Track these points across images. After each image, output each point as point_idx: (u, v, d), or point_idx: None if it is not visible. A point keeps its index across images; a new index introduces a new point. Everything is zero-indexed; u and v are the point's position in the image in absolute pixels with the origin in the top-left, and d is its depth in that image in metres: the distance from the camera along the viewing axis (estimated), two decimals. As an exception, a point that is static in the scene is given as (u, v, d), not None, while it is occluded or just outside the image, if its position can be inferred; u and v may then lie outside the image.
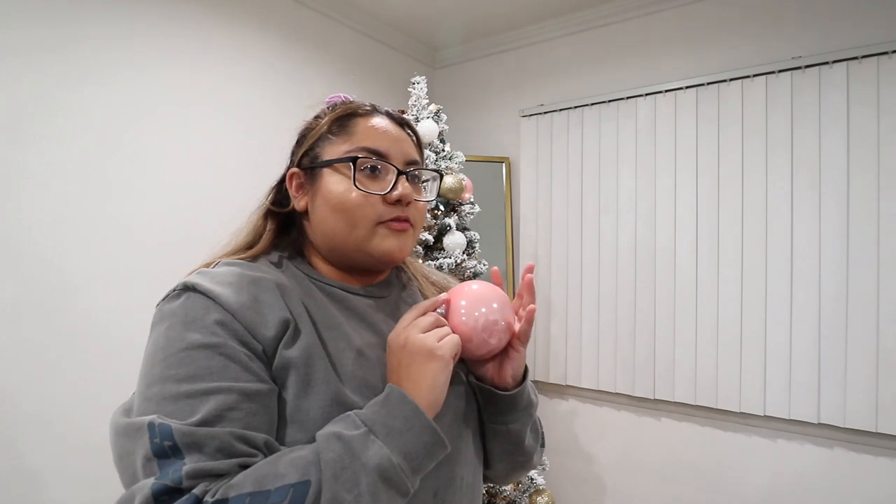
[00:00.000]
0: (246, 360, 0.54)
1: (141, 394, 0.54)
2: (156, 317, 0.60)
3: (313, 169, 0.69)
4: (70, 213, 1.58)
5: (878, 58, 1.80)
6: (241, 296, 0.58)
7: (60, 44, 1.56)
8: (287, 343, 0.58)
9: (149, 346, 0.57)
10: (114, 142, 1.68)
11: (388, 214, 0.66)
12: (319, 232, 0.68)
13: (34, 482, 1.48)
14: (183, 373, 0.52)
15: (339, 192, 0.65)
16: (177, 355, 0.53)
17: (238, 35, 2.03)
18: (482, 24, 2.60)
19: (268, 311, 0.58)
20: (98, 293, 1.63)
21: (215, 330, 0.54)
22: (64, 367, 1.55)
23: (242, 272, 0.61)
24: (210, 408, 0.50)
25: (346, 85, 2.46)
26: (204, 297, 0.57)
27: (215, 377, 0.52)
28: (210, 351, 0.53)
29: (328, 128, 0.69)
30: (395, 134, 0.69)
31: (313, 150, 0.69)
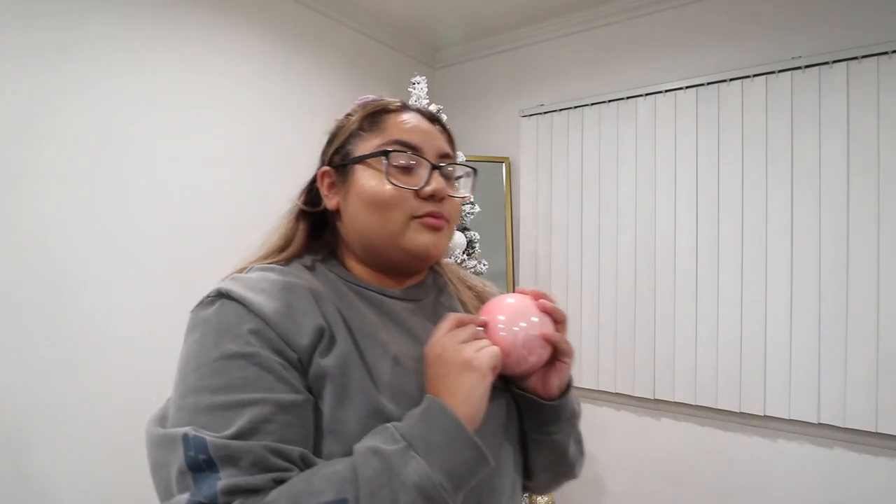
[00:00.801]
0: (280, 369, 0.53)
1: (175, 403, 0.53)
2: (189, 324, 0.58)
3: (345, 166, 0.68)
4: (74, 212, 1.58)
5: (878, 58, 1.80)
6: (275, 303, 0.56)
7: (63, 46, 1.56)
8: (323, 351, 0.56)
9: (183, 355, 0.56)
10: (114, 142, 1.68)
11: (422, 209, 0.64)
12: (353, 230, 0.67)
13: (38, 481, 1.48)
14: (217, 383, 0.51)
15: (372, 187, 0.64)
16: (211, 365, 0.52)
17: (238, 35, 2.03)
18: (482, 24, 2.60)
19: (302, 319, 0.57)
20: (103, 293, 1.63)
21: (249, 339, 0.53)
22: (69, 365, 1.55)
23: (276, 278, 0.60)
24: (245, 420, 0.49)
25: (347, 85, 2.46)
26: (238, 304, 0.55)
27: (250, 388, 0.51)
28: (244, 361, 0.52)
29: (359, 124, 0.68)
30: (426, 129, 0.68)
31: (344, 147, 0.69)
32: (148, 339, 1.74)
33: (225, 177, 1.98)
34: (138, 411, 1.76)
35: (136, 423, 1.82)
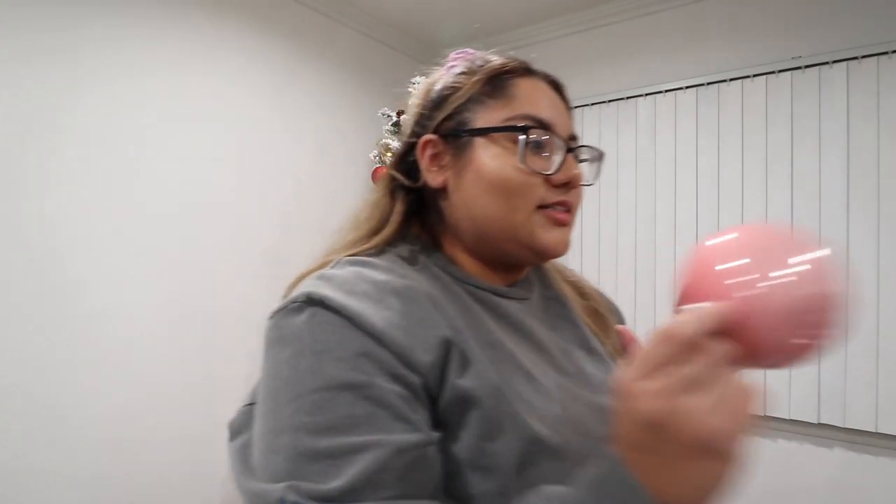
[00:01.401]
0: (398, 403, 0.42)
1: (266, 439, 0.43)
2: (272, 333, 0.47)
3: (458, 137, 0.56)
4: (73, 212, 1.58)
5: (878, 58, 1.80)
6: (383, 311, 0.45)
7: (63, 47, 1.56)
8: (458, 370, 0.46)
9: (270, 375, 0.46)
10: (114, 143, 1.68)
11: (551, 198, 0.54)
12: (465, 215, 0.56)
13: (38, 480, 1.48)
14: (320, 422, 0.41)
15: (497, 168, 0.53)
16: (309, 397, 0.42)
17: (237, 35, 2.03)
18: (482, 24, 2.60)
19: (421, 330, 0.46)
20: (102, 292, 1.63)
21: (357, 364, 0.43)
22: (68, 365, 1.55)
23: (378, 277, 0.49)
24: (357, 471, 0.39)
25: (346, 85, 2.46)
26: (337, 315, 0.44)
27: (362, 429, 0.41)
28: (352, 394, 0.42)
29: (481, 88, 0.56)
30: (557, 102, 0.58)
31: (460, 114, 0.56)
32: (147, 338, 1.74)
33: (225, 176, 1.98)
34: (138, 411, 1.77)
35: (136, 422, 1.83)
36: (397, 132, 1.92)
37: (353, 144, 2.46)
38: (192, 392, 1.85)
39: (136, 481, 1.68)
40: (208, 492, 1.90)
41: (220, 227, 1.95)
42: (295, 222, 2.22)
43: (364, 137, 2.48)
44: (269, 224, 2.12)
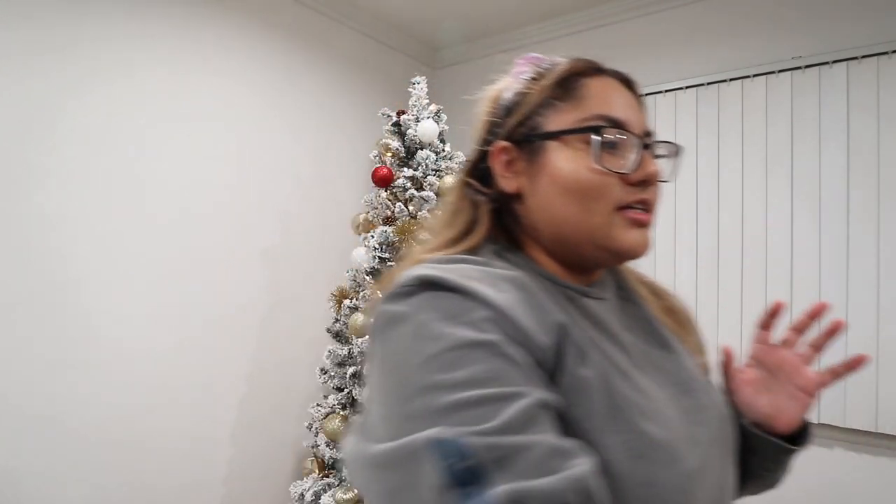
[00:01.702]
0: (531, 364, 0.42)
1: (396, 414, 0.40)
2: (383, 318, 0.46)
3: (531, 142, 0.56)
4: (73, 212, 1.58)
5: (878, 58, 1.80)
6: (500, 293, 0.45)
7: (64, 46, 1.56)
8: (575, 358, 0.45)
9: (387, 356, 0.44)
10: (114, 143, 1.68)
11: (630, 197, 0.53)
12: (542, 219, 0.55)
13: (37, 480, 1.48)
14: (458, 377, 0.39)
15: (572, 171, 0.53)
16: (440, 357, 0.40)
17: (238, 35, 2.03)
18: (482, 24, 2.60)
19: (538, 314, 0.45)
20: (102, 292, 1.63)
21: (485, 327, 0.42)
22: (68, 365, 1.55)
23: (483, 268, 0.48)
24: (510, 414, 0.37)
25: (346, 85, 2.46)
26: (455, 293, 0.43)
27: (502, 382, 0.39)
28: (485, 351, 0.40)
29: (551, 91, 0.56)
30: (629, 99, 0.57)
31: (531, 119, 0.56)
32: (146, 338, 1.74)
33: (224, 176, 1.98)
34: (137, 411, 1.77)
35: (135, 422, 1.83)
36: (397, 132, 1.92)
37: (353, 144, 2.46)
38: (191, 392, 1.85)
39: (136, 482, 1.68)
40: (208, 492, 1.91)
41: (219, 227, 1.95)
42: (295, 222, 2.22)
43: (364, 137, 2.48)
44: (269, 224, 2.12)
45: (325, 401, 1.90)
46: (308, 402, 2.12)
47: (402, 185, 1.82)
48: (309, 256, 2.26)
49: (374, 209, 1.88)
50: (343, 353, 1.84)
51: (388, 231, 1.76)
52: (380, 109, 1.96)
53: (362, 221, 1.91)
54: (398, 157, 1.89)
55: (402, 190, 1.82)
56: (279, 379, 2.14)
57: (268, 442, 2.09)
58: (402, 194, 1.83)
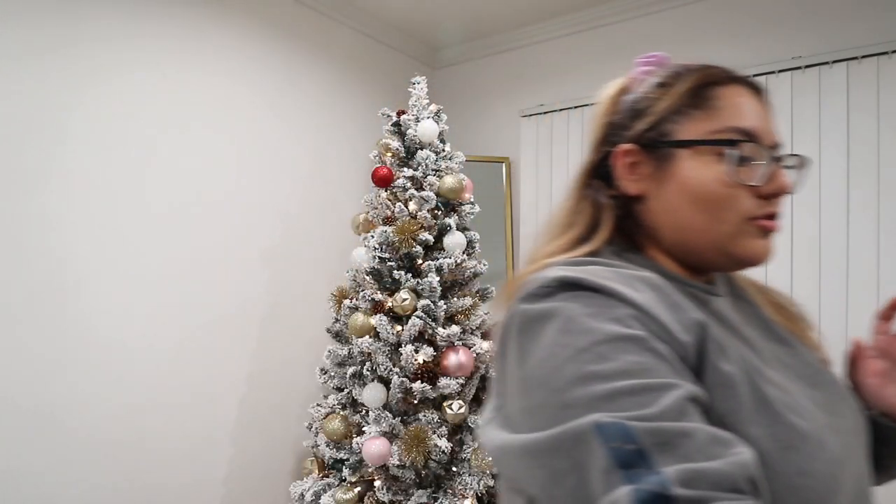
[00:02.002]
0: (676, 359, 0.43)
1: (549, 405, 0.41)
2: (524, 317, 0.47)
3: (659, 148, 0.56)
4: (73, 212, 1.58)
5: (878, 58, 1.80)
6: (638, 293, 0.46)
7: (63, 46, 1.56)
8: (718, 354, 0.46)
9: (532, 352, 0.45)
10: (114, 143, 1.68)
11: (760, 210, 0.53)
12: (666, 223, 0.56)
13: (37, 480, 1.48)
14: (611, 368, 0.40)
15: (704, 181, 0.53)
16: (592, 350, 0.41)
17: (237, 35, 2.03)
18: (482, 24, 2.60)
19: (676, 313, 0.47)
20: (102, 292, 1.63)
21: (631, 323, 0.43)
22: (68, 365, 1.55)
23: (613, 269, 0.50)
24: (666, 402, 0.38)
25: (346, 85, 2.46)
26: (597, 293, 0.45)
27: (653, 373, 0.40)
28: (634, 345, 0.41)
29: (684, 99, 0.56)
30: (762, 110, 0.56)
31: (662, 125, 0.56)
32: (147, 339, 1.74)
33: (224, 176, 1.98)
34: (137, 411, 1.77)
35: (135, 422, 1.83)
36: (397, 132, 1.92)
37: (353, 144, 2.46)
38: (191, 392, 1.85)
39: (136, 481, 1.68)
40: (208, 492, 1.91)
41: (219, 228, 1.95)
42: (295, 222, 2.22)
43: (364, 137, 2.48)
44: (269, 224, 2.12)
45: (325, 401, 1.90)
46: (308, 402, 2.12)
47: (402, 185, 1.82)
48: (309, 256, 2.26)
49: (374, 209, 1.88)
50: (343, 353, 1.84)
51: (388, 231, 1.76)
52: (380, 109, 1.96)
53: (362, 221, 1.91)
54: (398, 157, 1.89)
55: (402, 190, 1.82)
56: (279, 379, 2.13)
57: (268, 442, 2.09)
58: (402, 194, 1.83)
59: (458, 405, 1.67)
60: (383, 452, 1.61)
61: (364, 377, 1.72)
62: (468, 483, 1.64)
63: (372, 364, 1.72)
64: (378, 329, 1.70)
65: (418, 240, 1.75)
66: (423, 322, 1.67)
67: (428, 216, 1.79)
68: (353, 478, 1.72)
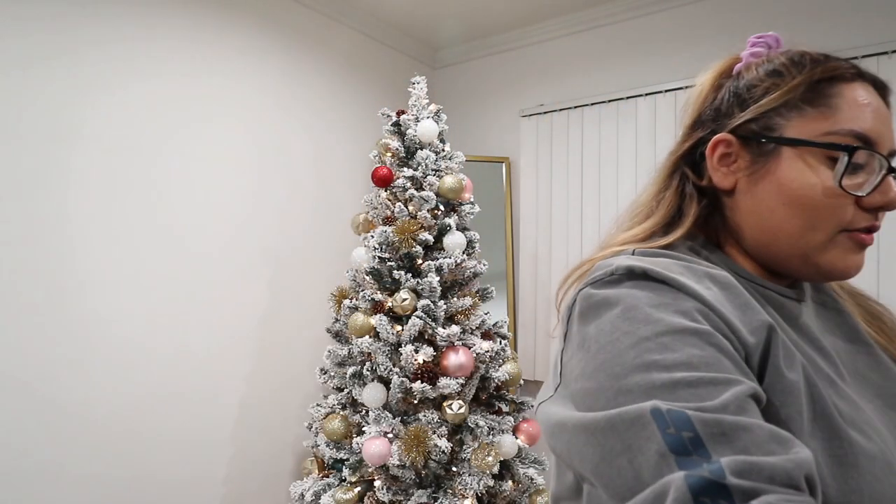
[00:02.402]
0: (738, 357, 0.42)
1: (609, 388, 0.41)
2: (591, 300, 0.46)
3: (760, 143, 0.52)
4: (76, 213, 1.58)
5: (878, 58, 1.80)
6: (706, 290, 0.45)
7: (66, 51, 1.56)
8: (784, 359, 0.44)
9: (596, 336, 0.44)
10: (115, 144, 1.68)
11: (860, 222, 0.50)
12: (753, 223, 0.53)
13: (39, 480, 1.48)
14: (672, 359, 0.39)
15: (807, 186, 0.49)
16: (655, 340, 0.41)
17: (237, 35, 2.03)
18: (482, 24, 2.60)
19: (744, 313, 0.45)
20: (106, 293, 1.63)
21: (696, 316, 0.42)
22: (72, 365, 1.55)
23: (687, 264, 0.48)
24: (726, 397, 0.37)
25: (347, 85, 2.46)
26: (664, 284, 0.44)
27: (715, 369, 0.39)
28: (697, 338, 0.41)
29: (800, 93, 0.51)
30: (883, 111, 0.51)
31: (769, 118, 0.52)
32: (147, 338, 1.74)
33: (225, 177, 1.98)
34: (137, 411, 1.77)
35: (136, 422, 1.83)
36: (397, 132, 1.92)
37: (353, 144, 2.46)
38: (191, 392, 1.85)
39: (136, 481, 1.68)
40: (208, 492, 1.91)
41: (219, 228, 1.95)
42: (295, 222, 2.22)
43: (364, 137, 2.49)
44: (269, 224, 2.12)
45: (325, 401, 1.90)
46: (308, 402, 2.12)
47: (402, 185, 1.82)
48: (309, 257, 2.26)
49: (374, 209, 1.88)
50: (343, 353, 1.84)
51: (388, 231, 1.76)
52: (380, 109, 1.96)
53: (362, 221, 1.91)
54: (398, 157, 1.89)
55: (402, 190, 1.82)
56: (279, 379, 2.14)
57: (268, 442, 2.09)
58: (402, 194, 1.83)
59: (458, 405, 1.67)
60: (383, 452, 1.61)
61: (364, 377, 1.72)
62: (468, 483, 1.64)
63: (372, 364, 1.72)
64: (378, 329, 1.70)
65: (418, 240, 1.75)
66: (423, 322, 1.67)
67: (428, 216, 1.79)
68: (353, 478, 1.72)
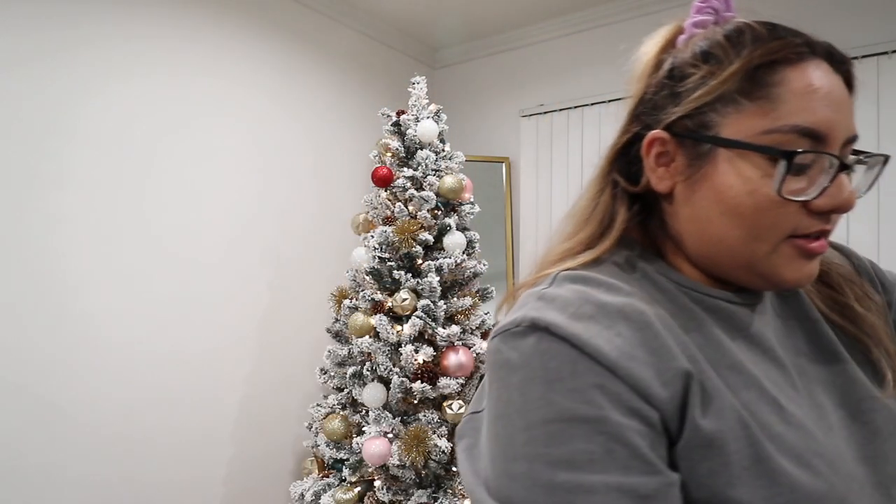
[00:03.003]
0: (637, 441, 0.39)
1: (503, 468, 0.41)
2: (498, 356, 0.44)
3: (697, 142, 0.46)
4: (73, 212, 1.58)
5: (878, 58, 1.80)
6: (615, 339, 0.41)
7: (64, 49, 1.56)
8: (700, 408, 0.40)
9: (499, 398, 0.43)
10: (114, 143, 1.68)
11: (807, 228, 0.44)
12: (692, 231, 0.48)
13: (38, 481, 1.48)
14: (557, 454, 0.38)
15: (745, 192, 0.43)
16: (544, 427, 0.39)
17: (236, 35, 2.03)
18: (482, 24, 2.60)
19: (657, 361, 0.41)
20: (102, 293, 1.63)
21: (591, 396, 0.39)
22: (68, 366, 1.55)
23: (604, 298, 0.44)
24: None
25: (346, 85, 2.46)
26: (565, 344, 0.41)
27: (599, 467, 0.38)
28: (588, 427, 0.39)
29: (736, 84, 0.44)
30: (837, 97, 0.44)
31: (703, 113, 0.45)
32: (147, 339, 1.74)
33: (224, 177, 1.98)
34: (137, 411, 1.77)
35: (136, 422, 1.82)
36: (397, 132, 1.92)
37: (353, 144, 2.46)
38: (191, 392, 1.85)
39: (136, 482, 1.68)
40: (208, 492, 1.91)
41: (219, 228, 1.95)
42: (295, 222, 2.22)
43: (364, 137, 2.49)
44: (269, 224, 2.12)
45: (325, 401, 1.90)
46: (308, 402, 2.12)
47: (402, 185, 1.82)
48: (309, 256, 2.26)
49: (374, 209, 1.88)
50: (343, 353, 1.84)
51: (388, 231, 1.76)
52: (380, 109, 1.96)
53: (362, 221, 1.91)
54: (398, 157, 1.89)
55: (401, 190, 1.82)
56: (279, 379, 2.14)
57: (268, 442, 2.09)
58: (402, 194, 1.83)
59: (458, 405, 1.67)
60: (383, 452, 1.61)
61: (364, 377, 1.72)
62: (468, 483, 1.64)
63: (372, 364, 1.72)
64: (378, 329, 1.70)
65: (418, 240, 1.75)
66: (423, 322, 1.67)
67: (428, 216, 1.79)
68: (353, 478, 1.72)
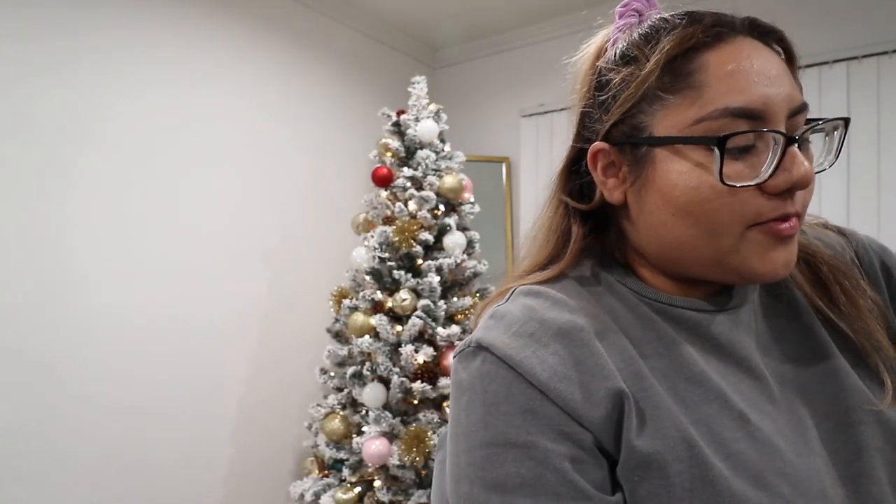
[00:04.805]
0: (565, 467, 0.39)
1: (453, 486, 0.44)
2: (454, 377, 0.46)
3: (635, 147, 0.44)
4: (76, 212, 1.58)
5: (878, 57, 1.80)
6: (549, 358, 0.41)
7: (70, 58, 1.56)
8: (635, 428, 0.40)
9: (452, 418, 0.45)
10: (115, 144, 1.68)
11: (770, 212, 0.41)
12: (651, 239, 0.46)
13: (38, 479, 1.48)
14: (491, 477, 0.40)
15: (689, 188, 0.41)
16: (481, 451, 0.41)
17: (236, 35, 2.03)
18: (482, 24, 2.60)
19: (590, 380, 0.41)
20: (104, 291, 1.63)
21: (522, 421, 0.40)
22: (69, 364, 1.55)
23: (545, 315, 0.44)
24: None
25: (346, 85, 2.46)
26: (503, 365, 0.42)
27: (528, 490, 0.39)
28: (519, 452, 0.40)
29: (656, 80, 0.42)
30: (770, 70, 0.41)
31: (632, 116, 0.44)
32: (148, 339, 1.74)
33: (225, 178, 1.98)
34: (138, 411, 1.77)
35: (136, 422, 1.82)
36: (397, 132, 1.92)
37: (353, 144, 2.46)
38: (191, 393, 1.85)
39: (136, 481, 1.68)
40: (208, 492, 1.91)
41: (219, 228, 1.95)
42: (295, 222, 2.22)
43: (364, 137, 2.48)
44: (269, 224, 2.12)
45: (325, 401, 1.90)
46: (308, 402, 2.12)
47: (402, 185, 1.82)
48: (309, 257, 2.26)
49: (374, 209, 1.88)
50: (343, 353, 1.84)
51: (388, 231, 1.76)
52: (380, 109, 1.96)
53: (362, 221, 1.91)
54: (398, 157, 1.89)
55: (402, 190, 1.82)
56: (279, 379, 2.13)
57: (268, 442, 2.09)
58: (402, 194, 1.83)
59: (458, 405, 1.67)
60: (383, 452, 1.61)
61: (364, 377, 1.72)
62: (468, 483, 1.64)
63: (372, 364, 1.72)
64: (378, 329, 1.70)
65: (418, 240, 1.75)
66: (423, 322, 1.67)
67: (428, 216, 1.79)
68: (353, 478, 1.72)
